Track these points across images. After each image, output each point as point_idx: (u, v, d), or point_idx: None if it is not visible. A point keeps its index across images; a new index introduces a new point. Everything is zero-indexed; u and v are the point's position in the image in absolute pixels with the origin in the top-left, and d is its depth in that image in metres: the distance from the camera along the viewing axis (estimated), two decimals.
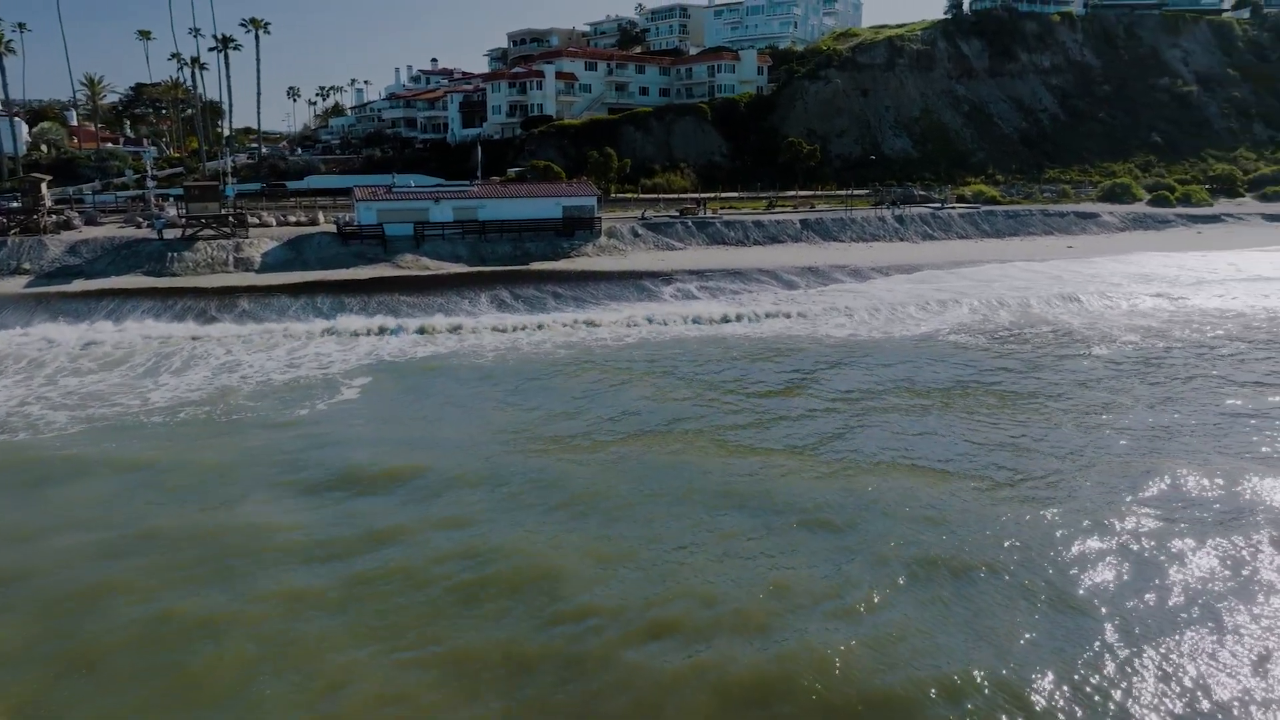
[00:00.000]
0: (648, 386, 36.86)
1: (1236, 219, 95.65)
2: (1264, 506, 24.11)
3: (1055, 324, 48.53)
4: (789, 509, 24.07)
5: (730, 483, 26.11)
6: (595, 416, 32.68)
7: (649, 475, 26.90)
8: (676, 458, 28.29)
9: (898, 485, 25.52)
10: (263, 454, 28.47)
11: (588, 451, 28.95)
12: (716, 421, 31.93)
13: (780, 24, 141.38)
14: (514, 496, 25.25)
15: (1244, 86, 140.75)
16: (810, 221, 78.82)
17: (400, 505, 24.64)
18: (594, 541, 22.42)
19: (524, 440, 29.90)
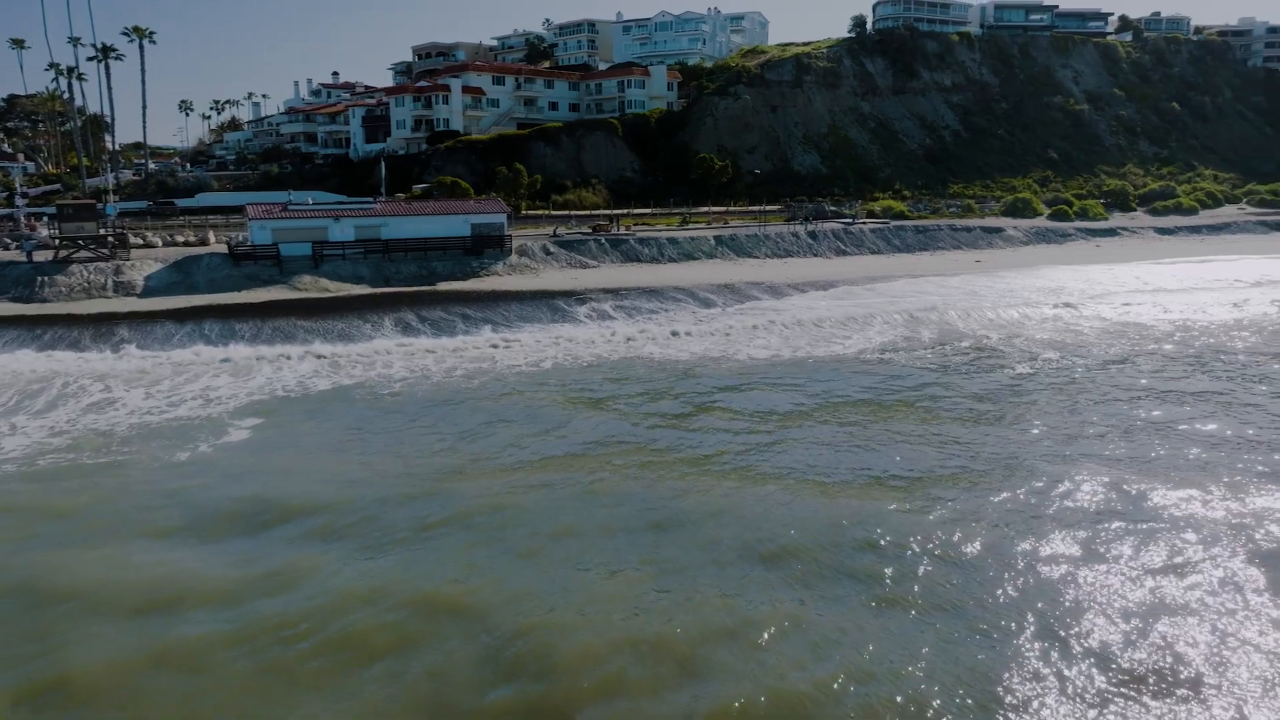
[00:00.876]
0: (565, 413, 34.84)
1: (1131, 232, 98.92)
2: (1169, 514, 24.24)
3: (975, 339, 48.35)
4: (720, 539, 22.46)
5: (654, 513, 24.51)
6: (512, 447, 30.49)
7: (569, 505, 25.08)
8: (598, 487, 26.39)
9: (839, 509, 24.10)
10: (129, 501, 25.43)
11: (504, 483, 26.77)
12: (638, 449, 30.09)
13: (689, 41, 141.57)
14: (424, 535, 22.94)
15: (1129, 105, 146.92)
16: (725, 238, 78.02)
17: (293, 546, 22.08)
18: (510, 577, 20.42)
19: (436, 478, 27.53)
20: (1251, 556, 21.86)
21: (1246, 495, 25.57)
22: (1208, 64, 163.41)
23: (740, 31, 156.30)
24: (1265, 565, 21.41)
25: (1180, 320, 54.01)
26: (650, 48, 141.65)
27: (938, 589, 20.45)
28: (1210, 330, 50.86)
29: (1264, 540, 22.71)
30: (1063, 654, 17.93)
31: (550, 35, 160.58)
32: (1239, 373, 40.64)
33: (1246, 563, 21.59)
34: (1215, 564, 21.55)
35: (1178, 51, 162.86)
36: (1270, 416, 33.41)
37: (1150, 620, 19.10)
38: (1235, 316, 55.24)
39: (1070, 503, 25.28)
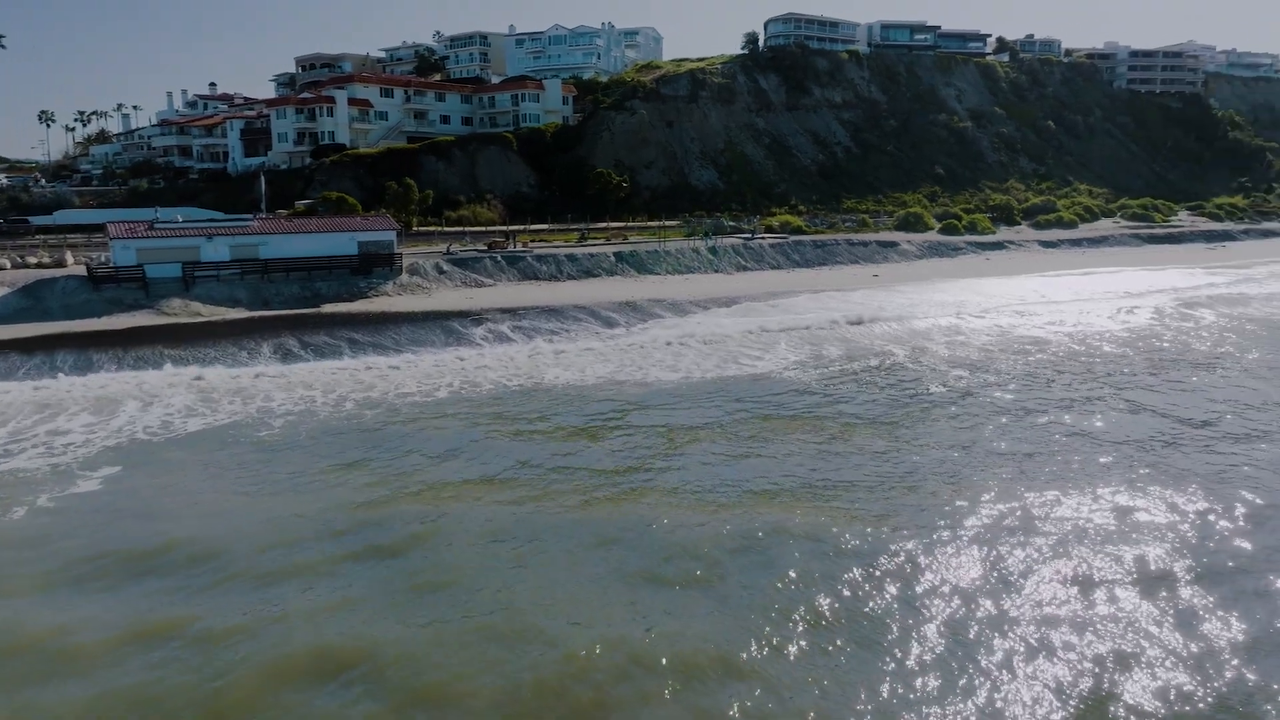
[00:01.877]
0: (466, 447, 32.26)
1: (1018, 246, 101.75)
2: (1071, 523, 24.63)
3: (883, 355, 47.73)
4: (651, 575, 20.51)
5: (575, 549, 22.29)
6: (411, 491, 27.79)
7: (475, 547, 22.74)
8: (507, 524, 24.03)
9: (754, 526, 22.41)
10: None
11: (401, 530, 24.13)
12: (544, 491, 27.82)
13: (583, 55, 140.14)
14: (309, 601, 20.17)
15: (1009, 123, 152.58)
16: (625, 254, 76.37)
17: (139, 606, 19.04)
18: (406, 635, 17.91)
19: (323, 535, 24.66)
20: (1134, 565, 22.31)
21: (1134, 501, 26.40)
22: (1078, 85, 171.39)
23: (635, 46, 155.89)
24: (1143, 572, 21.99)
25: (1074, 332, 54.85)
26: (544, 61, 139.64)
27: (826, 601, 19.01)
28: (1102, 340, 51.69)
29: (1145, 547, 23.29)
30: (951, 663, 17.82)
31: (441, 47, 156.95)
32: (1130, 382, 40.99)
33: (1131, 570, 22.10)
34: (1102, 572, 21.98)
35: (1051, 72, 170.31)
36: (1153, 421, 33.51)
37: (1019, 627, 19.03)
38: (1124, 327, 56.46)
39: (973, 516, 25.40)
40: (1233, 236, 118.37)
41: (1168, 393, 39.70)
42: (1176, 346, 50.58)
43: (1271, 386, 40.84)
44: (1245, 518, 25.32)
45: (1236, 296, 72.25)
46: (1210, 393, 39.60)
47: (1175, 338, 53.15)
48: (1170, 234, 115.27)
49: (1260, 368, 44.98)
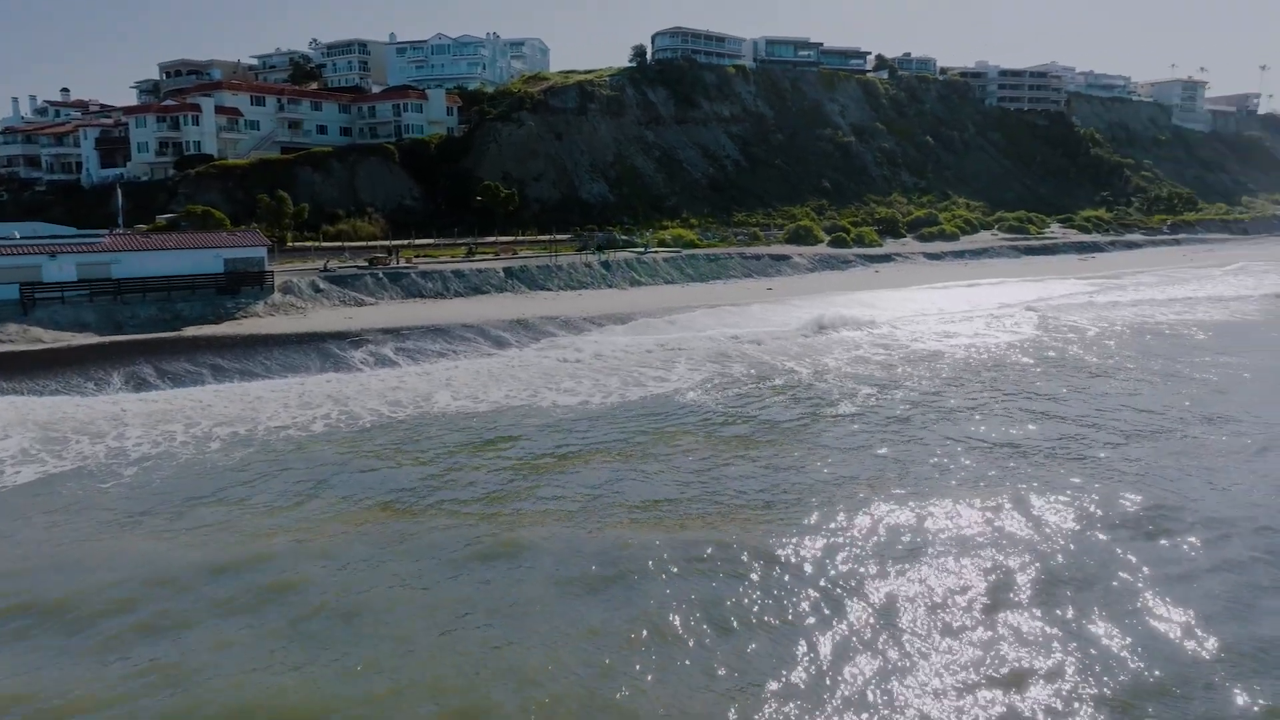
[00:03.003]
0: (344, 488, 29.10)
1: (904, 258, 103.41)
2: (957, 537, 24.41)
3: (786, 373, 46.39)
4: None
5: (458, 588, 19.65)
6: (282, 547, 24.54)
7: (362, 613, 19.83)
8: (391, 592, 21.20)
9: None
10: None
11: (276, 597, 21.00)
12: (431, 535, 25.03)
13: (468, 65, 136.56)
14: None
15: (890, 138, 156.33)
16: (515, 269, 73.54)
17: None
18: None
19: (185, 612, 21.28)
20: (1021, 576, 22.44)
21: (1025, 507, 26.91)
22: (954, 102, 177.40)
23: (521, 58, 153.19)
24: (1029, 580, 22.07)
25: (969, 344, 55.01)
26: (427, 71, 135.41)
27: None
28: (997, 351, 51.90)
29: (1021, 554, 23.57)
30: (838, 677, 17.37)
31: (318, 55, 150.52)
32: (1026, 390, 40.82)
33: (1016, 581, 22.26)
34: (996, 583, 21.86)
35: (928, 90, 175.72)
36: (1050, 427, 33.13)
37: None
38: (1016, 337, 57.01)
39: (874, 531, 24.97)
40: (1101, 248, 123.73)
41: (1063, 400, 39.64)
42: (1066, 355, 51.14)
43: (1157, 391, 41.27)
44: (1125, 519, 26.16)
45: (1112, 304, 74.66)
46: (1100, 400, 39.75)
47: (1063, 347, 53.85)
48: (1045, 246, 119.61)
49: (1147, 374, 45.64)
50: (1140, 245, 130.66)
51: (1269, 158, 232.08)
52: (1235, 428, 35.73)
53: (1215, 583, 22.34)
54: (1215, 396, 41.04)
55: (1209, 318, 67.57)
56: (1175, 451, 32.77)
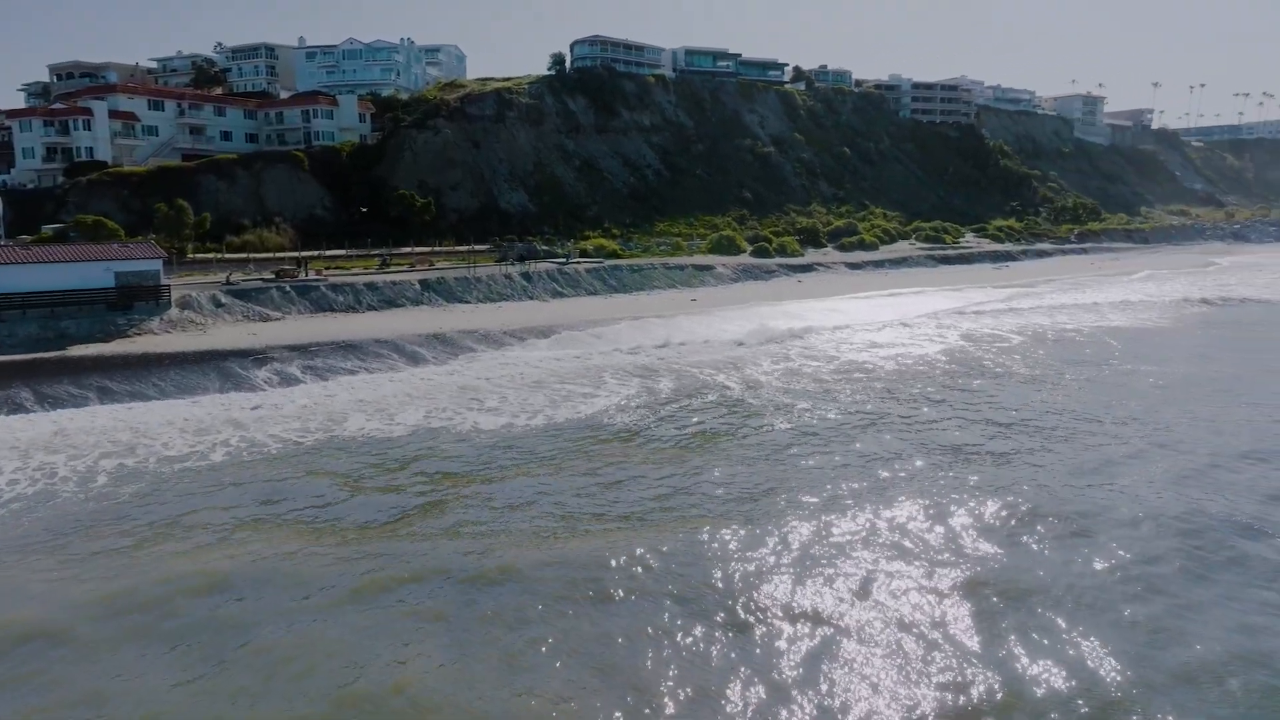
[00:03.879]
0: (239, 534, 26.42)
1: (826, 268, 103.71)
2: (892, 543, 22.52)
3: (717, 388, 44.90)
4: None
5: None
6: (177, 599, 21.88)
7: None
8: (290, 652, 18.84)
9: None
10: None
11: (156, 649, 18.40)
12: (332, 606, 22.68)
13: (381, 71, 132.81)
14: None
15: (808, 149, 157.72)
16: (431, 281, 70.78)
17: None
18: None
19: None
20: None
21: (939, 514, 25.93)
22: (869, 113, 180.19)
23: (436, 64, 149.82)
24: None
25: (896, 354, 54.53)
26: (338, 76, 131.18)
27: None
28: (923, 361, 51.48)
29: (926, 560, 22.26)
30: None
31: (223, 59, 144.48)
32: (953, 400, 40.26)
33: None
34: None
35: (844, 102, 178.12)
36: (971, 442, 32.45)
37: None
38: (941, 347, 56.78)
39: (806, 542, 23.99)
40: (1014, 257, 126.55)
41: (991, 410, 39.10)
42: (992, 365, 50.99)
43: (1081, 398, 41.15)
44: (1039, 523, 26.24)
45: (1031, 310, 75.68)
46: (1028, 409, 39.31)
47: (989, 357, 53.77)
48: (962, 255, 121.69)
49: (1071, 382, 45.61)
50: (1050, 254, 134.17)
51: (1163, 171, 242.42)
52: (1155, 431, 35.61)
53: (1130, 591, 22.15)
54: (1133, 401, 41.10)
55: (1124, 324, 68.84)
56: (1102, 458, 32.36)
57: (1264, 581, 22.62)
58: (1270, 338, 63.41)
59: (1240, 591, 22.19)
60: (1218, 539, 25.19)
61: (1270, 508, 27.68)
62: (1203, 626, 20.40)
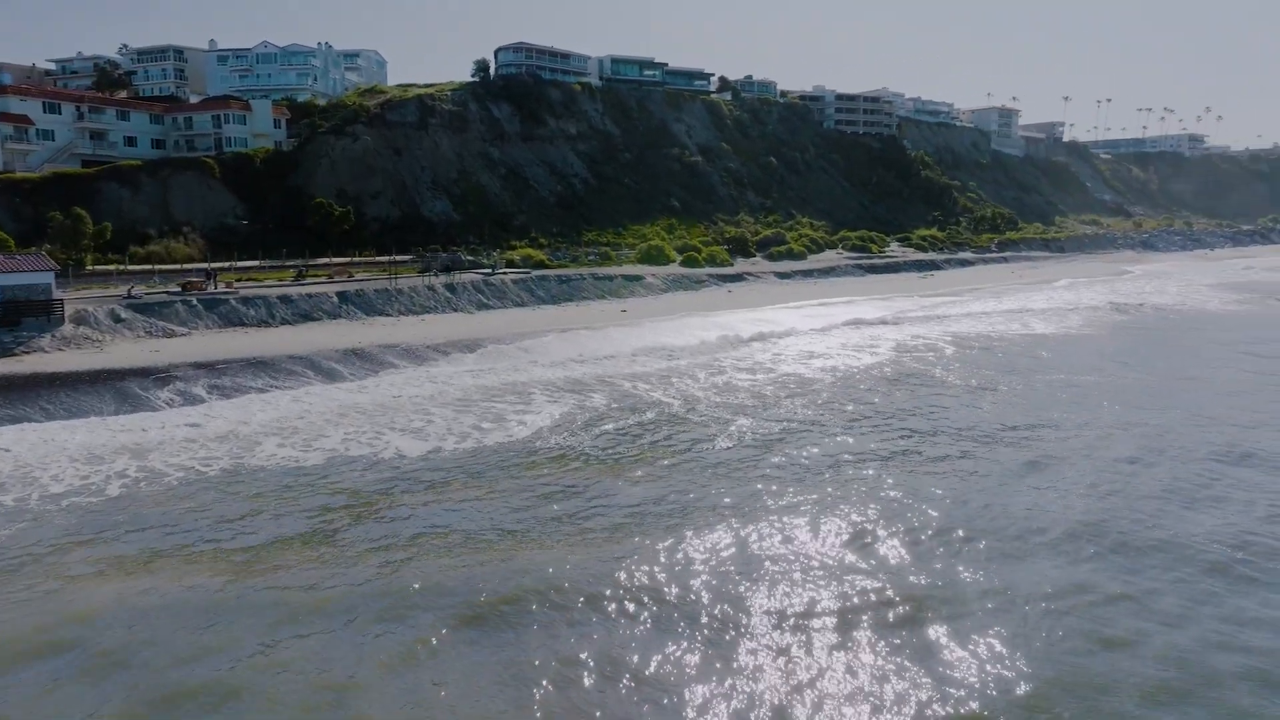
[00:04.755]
0: (137, 578, 23.75)
1: (756, 278, 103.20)
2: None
3: (655, 405, 43.08)
4: None
5: None
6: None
7: None
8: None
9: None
10: None
11: None
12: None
13: (297, 75, 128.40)
14: None
15: (736, 159, 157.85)
16: (350, 294, 67.72)
17: None
18: None
19: None
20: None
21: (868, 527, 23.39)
22: (794, 124, 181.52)
23: (356, 70, 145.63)
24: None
25: (833, 365, 53.68)
26: (252, 81, 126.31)
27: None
28: (860, 372, 50.73)
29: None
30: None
31: (127, 61, 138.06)
32: (894, 412, 39.42)
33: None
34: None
35: (770, 112, 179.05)
36: (912, 451, 31.55)
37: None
38: (876, 357, 56.19)
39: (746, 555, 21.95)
40: (939, 266, 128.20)
41: (928, 420, 38.35)
42: (928, 375, 50.47)
43: (1017, 405, 40.74)
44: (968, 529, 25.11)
45: (959, 317, 76.00)
46: (964, 418, 38.66)
47: (923, 368, 53.30)
48: (888, 264, 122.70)
49: (1008, 392, 45.29)
50: (973, 263, 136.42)
51: (1075, 181, 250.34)
52: (1095, 440, 35.22)
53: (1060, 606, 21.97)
54: (1063, 411, 40.84)
55: (1050, 332, 69.48)
56: (1035, 466, 31.73)
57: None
58: (1184, 344, 64.59)
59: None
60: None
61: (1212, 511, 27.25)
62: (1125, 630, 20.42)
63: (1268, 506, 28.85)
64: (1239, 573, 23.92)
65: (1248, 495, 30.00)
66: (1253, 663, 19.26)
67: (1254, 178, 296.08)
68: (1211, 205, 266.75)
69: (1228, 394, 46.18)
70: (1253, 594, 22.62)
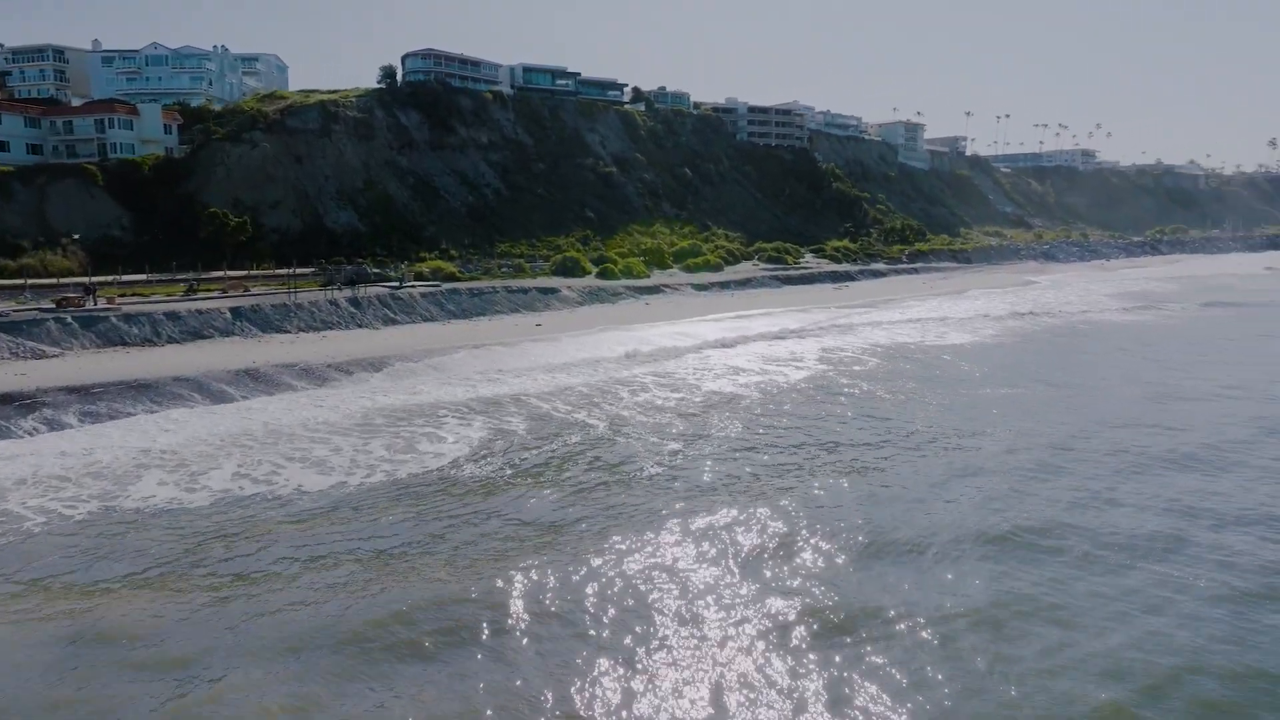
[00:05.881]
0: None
1: (673, 290, 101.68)
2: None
3: (577, 427, 40.55)
4: None
5: None
6: None
7: None
8: None
9: None
10: None
11: None
12: None
13: (191, 79, 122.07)
14: None
15: (650, 170, 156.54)
16: (245, 310, 63.38)
17: None
18: None
19: None
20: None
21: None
22: (708, 135, 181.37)
23: (255, 74, 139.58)
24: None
25: (758, 381, 51.99)
26: (141, 84, 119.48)
27: None
28: (787, 388, 49.23)
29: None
30: None
31: (2, 61, 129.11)
32: (828, 430, 37.94)
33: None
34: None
35: (684, 123, 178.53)
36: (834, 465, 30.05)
37: None
38: (802, 371, 54.79)
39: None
40: (853, 277, 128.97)
41: (854, 432, 36.91)
42: (850, 387, 49.27)
43: (940, 417, 39.75)
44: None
45: (876, 327, 75.63)
46: (888, 431, 37.38)
47: (844, 379, 52.13)
48: (804, 275, 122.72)
49: (933, 405, 44.35)
50: (885, 274, 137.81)
51: (977, 194, 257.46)
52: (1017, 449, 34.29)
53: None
54: (986, 423, 40.05)
55: (965, 342, 69.48)
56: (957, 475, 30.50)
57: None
58: (1092, 353, 65.36)
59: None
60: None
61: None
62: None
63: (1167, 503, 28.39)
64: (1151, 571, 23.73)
65: (1158, 495, 29.57)
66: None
67: (1141, 192, 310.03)
68: (1104, 217, 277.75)
69: (1141, 401, 46.29)
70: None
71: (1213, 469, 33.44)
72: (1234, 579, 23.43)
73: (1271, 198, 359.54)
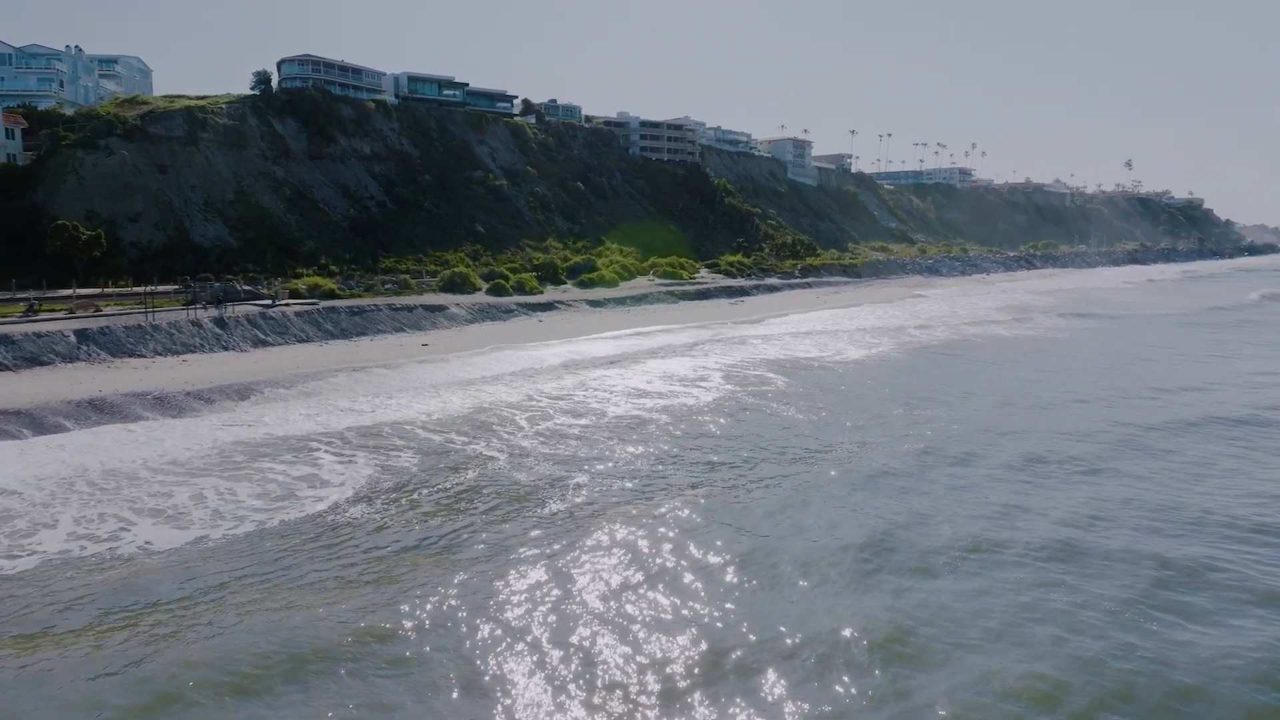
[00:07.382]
0: None
1: (567, 306, 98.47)
2: None
3: (472, 459, 36.68)
4: None
5: None
6: None
7: None
8: None
9: None
10: None
11: None
12: None
13: (39, 80, 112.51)
14: None
15: (542, 183, 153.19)
16: (92, 332, 57.07)
17: None
18: None
19: None
20: None
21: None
22: (600, 149, 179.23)
23: (114, 77, 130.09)
24: None
25: (664, 404, 48.91)
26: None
27: None
28: (697, 409, 46.68)
29: None
30: None
31: None
32: (728, 447, 35.49)
33: None
34: None
35: (575, 136, 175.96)
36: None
37: None
38: (709, 395, 52.27)
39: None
40: (748, 292, 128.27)
41: (764, 453, 34.57)
42: (756, 406, 47.11)
43: (851, 431, 37.92)
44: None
45: (774, 341, 74.15)
46: (797, 444, 35.23)
47: (749, 397, 50.01)
48: (700, 290, 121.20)
49: (848, 426, 42.56)
50: (779, 289, 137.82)
51: (864, 210, 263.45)
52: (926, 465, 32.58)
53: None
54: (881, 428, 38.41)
55: (862, 357, 68.60)
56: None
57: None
58: (984, 365, 65.41)
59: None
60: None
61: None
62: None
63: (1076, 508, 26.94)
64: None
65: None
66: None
67: (1013, 208, 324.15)
68: (981, 233, 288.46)
69: (1039, 410, 45.84)
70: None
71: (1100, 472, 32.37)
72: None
73: (1128, 215, 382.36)
